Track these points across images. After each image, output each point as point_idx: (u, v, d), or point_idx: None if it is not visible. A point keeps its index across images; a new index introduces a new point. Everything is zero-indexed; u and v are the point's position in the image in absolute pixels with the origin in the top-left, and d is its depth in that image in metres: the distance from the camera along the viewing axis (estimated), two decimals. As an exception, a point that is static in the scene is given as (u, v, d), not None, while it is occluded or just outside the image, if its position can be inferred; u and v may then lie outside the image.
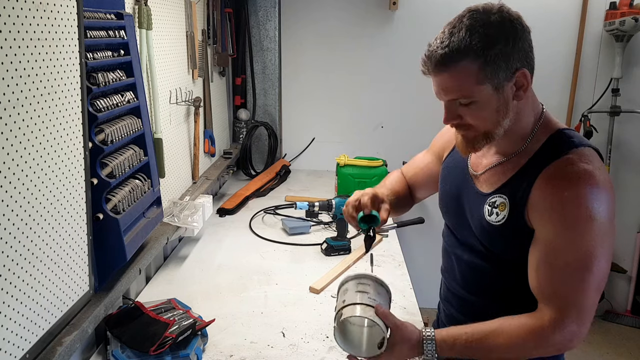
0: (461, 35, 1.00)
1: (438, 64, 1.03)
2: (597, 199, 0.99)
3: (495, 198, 1.11)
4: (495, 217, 1.10)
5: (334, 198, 1.98)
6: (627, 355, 3.01)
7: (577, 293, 1.00)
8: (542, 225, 1.03)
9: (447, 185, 1.29)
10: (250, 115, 3.05)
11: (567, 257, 1.00)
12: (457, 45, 1.00)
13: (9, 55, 0.86)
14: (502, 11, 1.04)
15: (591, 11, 2.94)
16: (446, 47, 1.01)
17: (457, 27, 1.02)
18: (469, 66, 1.01)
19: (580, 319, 1.00)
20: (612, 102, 2.98)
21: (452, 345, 1.06)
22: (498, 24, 1.02)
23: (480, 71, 1.00)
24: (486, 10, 1.04)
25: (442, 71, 1.03)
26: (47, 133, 0.99)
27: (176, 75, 1.96)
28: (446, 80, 1.04)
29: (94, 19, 1.22)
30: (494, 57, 1.00)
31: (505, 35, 1.01)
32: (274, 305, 1.56)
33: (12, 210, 0.89)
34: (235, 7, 2.85)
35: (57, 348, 1.03)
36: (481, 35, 1.00)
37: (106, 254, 1.23)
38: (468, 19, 1.02)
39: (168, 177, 1.83)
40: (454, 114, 1.08)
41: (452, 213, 1.26)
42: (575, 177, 1.00)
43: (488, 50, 1.00)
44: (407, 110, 3.12)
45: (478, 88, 1.02)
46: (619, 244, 3.23)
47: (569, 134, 1.09)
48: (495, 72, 1.01)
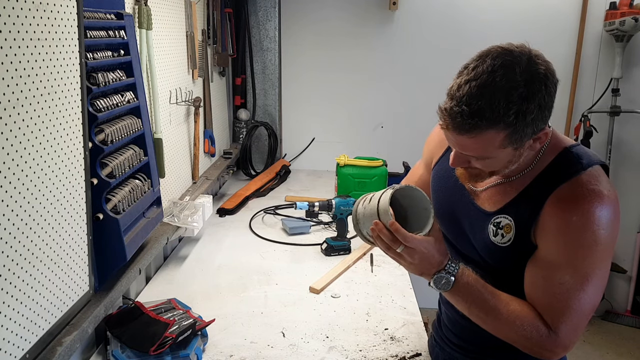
0: (494, 101, 0.90)
1: (461, 129, 0.94)
2: (605, 222, 0.98)
3: (500, 219, 1.08)
4: (501, 239, 1.08)
5: (334, 198, 1.98)
6: (627, 355, 3.01)
7: (569, 310, 1.00)
8: (546, 244, 1.03)
9: (440, 197, 1.25)
10: (250, 115, 3.05)
11: (564, 277, 1.00)
12: (489, 114, 0.91)
13: (9, 55, 0.86)
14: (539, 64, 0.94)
15: (591, 11, 2.94)
16: (475, 116, 0.91)
17: (488, 85, 0.91)
18: (495, 135, 0.94)
19: (569, 335, 1.01)
20: (612, 102, 2.98)
21: (469, 282, 1.05)
22: (536, 86, 0.92)
23: (506, 139, 0.94)
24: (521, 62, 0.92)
25: (464, 134, 0.95)
26: (47, 133, 0.99)
27: (176, 75, 1.96)
28: (465, 142, 0.97)
29: (94, 19, 1.22)
30: (524, 126, 0.93)
31: (539, 100, 0.92)
32: (274, 305, 1.56)
33: (12, 210, 0.89)
34: (235, 7, 2.85)
35: (57, 348, 1.03)
36: (516, 103, 0.90)
37: (106, 254, 1.23)
38: (502, 77, 0.91)
39: (168, 177, 1.83)
40: (464, 162, 1.05)
41: (449, 225, 1.24)
42: (586, 201, 0.98)
43: (520, 121, 0.92)
44: (407, 110, 3.12)
45: (499, 151, 0.98)
46: (619, 244, 3.20)
47: (577, 154, 1.04)
48: (521, 138, 0.95)
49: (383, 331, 1.43)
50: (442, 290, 1.07)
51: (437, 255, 1.06)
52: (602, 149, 3.06)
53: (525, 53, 0.95)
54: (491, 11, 2.95)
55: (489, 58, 0.94)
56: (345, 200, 1.96)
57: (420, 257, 1.05)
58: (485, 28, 2.92)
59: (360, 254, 1.89)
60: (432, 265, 1.06)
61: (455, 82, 0.96)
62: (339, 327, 1.45)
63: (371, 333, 1.42)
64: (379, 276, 1.75)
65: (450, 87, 0.97)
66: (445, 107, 0.96)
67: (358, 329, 1.44)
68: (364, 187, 2.48)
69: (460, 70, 0.97)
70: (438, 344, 1.36)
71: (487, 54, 0.95)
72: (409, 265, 1.09)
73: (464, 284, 1.06)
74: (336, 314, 1.52)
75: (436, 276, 1.06)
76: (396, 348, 1.35)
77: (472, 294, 1.06)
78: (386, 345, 1.36)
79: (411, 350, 1.34)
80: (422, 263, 1.06)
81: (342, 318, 1.49)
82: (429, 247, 1.05)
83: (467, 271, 1.07)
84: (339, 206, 1.94)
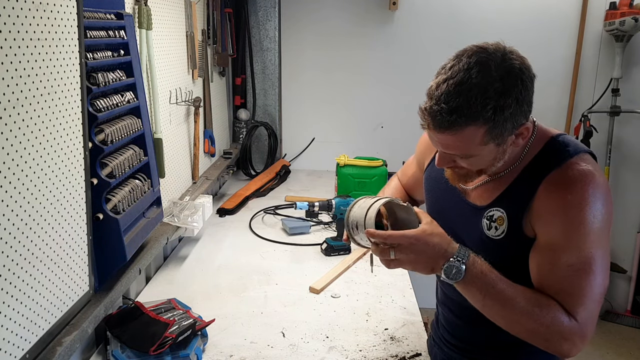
0: (471, 97, 0.93)
1: (441, 127, 0.97)
2: (600, 201, 0.99)
3: (493, 211, 1.10)
4: (495, 232, 1.09)
5: (334, 198, 1.98)
6: (627, 355, 3.01)
7: (581, 292, 0.99)
8: (546, 229, 1.03)
9: (433, 198, 1.27)
10: (250, 115, 3.05)
11: (571, 258, 0.99)
12: (467, 110, 0.93)
13: (9, 55, 0.86)
14: (513, 59, 0.96)
15: (591, 11, 2.94)
16: (453, 113, 0.93)
17: (465, 82, 0.94)
18: (475, 131, 0.96)
19: (585, 318, 0.99)
20: (612, 102, 2.98)
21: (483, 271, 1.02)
22: (511, 80, 0.94)
23: (486, 134, 0.96)
24: (496, 58, 0.95)
25: (444, 133, 0.98)
26: (47, 133, 0.99)
27: (176, 75, 1.96)
28: (447, 140, 0.99)
29: (94, 19, 1.22)
30: (503, 121, 0.95)
31: (516, 94, 0.95)
32: (274, 305, 1.56)
33: (12, 210, 0.89)
34: (235, 7, 2.85)
35: (57, 348, 1.03)
36: (493, 98, 0.93)
37: (106, 254, 1.23)
38: (478, 74, 0.93)
39: (168, 177, 1.83)
40: (449, 161, 1.06)
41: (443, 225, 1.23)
42: (579, 180, 0.99)
43: (498, 115, 0.94)
44: (407, 110, 3.11)
45: (481, 148, 0.99)
46: (619, 244, 3.23)
47: (564, 142, 1.06)
48: (501, 134, 0.97)
49: (383, 331, 1.43)
50: (454, 280, 1.02)
51: (437, 244, 1.02)
52: (602, 149, 3.06)
53: (500, 50, 0.97)
54: (491, 11, 2.95)
55: (464, 57, 0.96)
56: (345, 200, 1.96)
57: (414, 250, 1.02)
58: (485, 28, 2.93)
59: (360, 254, 1.89)
60: (437, 255, 1.02)
61: (434, 82, 0.98)
62: (339, 327, 1.45)
63: (371, 333, 1.42)
64: (379, 276, 1.75)
65: (429, 87, 0.99)
66: (425, 107, 0.98)
67: (358, 329, 1.44)
68: (364, 187, 2.48)
69: (438, 71, 1.00)
70: (437, 344, 1.36)
71: (462, 53, 0.98)
72: (413, 266, 1.05)
73: (477, 272, 1.02)
74: (336, 314, 1.52)
75: (446, 265, 1.01)
76: (396, 348, 1.35)
77: (487, 283, 1.01)
78: (386, 345, 1.36)
79: (411, 351, 1.34)
80: (421, 256, 1.03)
81: (342, 318, 1.49)
82: (421, 238, 1.02)
83: (479, 260, 1.04)
84: (339, 206, 1.94)
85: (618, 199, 3.17)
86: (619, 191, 3.17)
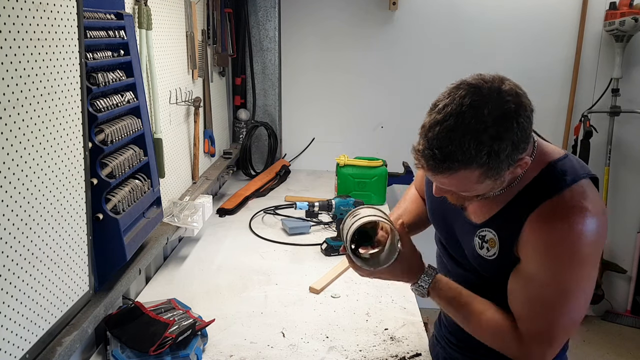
0: (464, 143, 0.89)
1: (434, 171, 0.95)
2: (587, 237, 0.96)
3: (485, 232, 1.09)
4: (487, 252, 1.09)
5: (333, 198, 1.98)
6: (627, 356, 3.01)
7: (546, 324, 1.01)
8: (528, 260, 1.03)
9: (434, 202, 1.26)
10: (250, 115, 3.05)
11: (545, 292, 1.00)
12: (461, 156, 0.90)
13: (9, 55, 0.86)
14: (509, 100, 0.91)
15: (591, 11, 2.94)
16: (446, 159, 0.91)
17: (457, 128, 0.90)
18: (470, 174, 0.93)
19: (543, 348, 1.02)
20: (612, 102, 2.98)
21: (441, 291, 1.14)
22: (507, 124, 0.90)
23: (482, 175, 0.94)
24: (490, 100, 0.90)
25: (438, 175, 0.96)
26: (47, 133, 0.99)
27: (176, 75, 1.96)
28: (443, 180, 0.98)
29: (94, 19, 1.22)
30: (498, 163, 0.92)
31: (512, 137, 0.90)
32: (274, 306, 1.56)
33: (12, 211, 0.89)
34: (235, 7, 2.85)
35: (57, 348, 1.03)
36: (487, 143, 0.89)
37: (106, 254, 1.23)
38: (471, 119, 0.89)
39: (168, 177, 1.83)
40: (446, 192, 1.06)
41: (442, 230, 1.25)
42: (566, 218, 0.96)
43: (493, 159, 0.91)
44: (407, 110, 3.12)
45: (477, 185, 0.97)
46: (619, 244, 3.23)
47: (562, 170, 1.02)
48: (498, 172, 0.94)
49: (383, 331, 1.43)
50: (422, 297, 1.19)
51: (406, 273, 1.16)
52: (602, 149, 3.06)
53: (495, 90, 0.92)
54: (491, 11, 2.95)
55: (458, 96, 0.92)
56: (345, 200, 1.96)
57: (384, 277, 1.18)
58: (485, 28, 2.92)
59: (360, 254, 1.89)
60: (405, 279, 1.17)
61: (427, 121, 0.95)
62: (339, 327, 1.45)
63: (371, 333, 1.42)
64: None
65: (422, 125, 0.97)
66: (418, 149, 0.96)
67: (358, 329, 1.44)
68: (364, 187, 2.48)
69: (430, 108, 0.97)
70: (439, 343, 1.36)
71: (456, 91, 0.93)
72: None
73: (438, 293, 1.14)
74: (336, 314, 1.52)
75: (413, 288, 1.17)
76: (396, 348, 1.35)
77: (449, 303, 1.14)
78: (386, 345, 1.36)
79: (411, 351, 1.34)
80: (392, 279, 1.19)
81: (342, 318, 1.49)
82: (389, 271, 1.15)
83: (443, 281, 1.15)
84: (338, 206, 1.94)
85: (618, 199, 3.17)
86: (619, 191, 3.17)
